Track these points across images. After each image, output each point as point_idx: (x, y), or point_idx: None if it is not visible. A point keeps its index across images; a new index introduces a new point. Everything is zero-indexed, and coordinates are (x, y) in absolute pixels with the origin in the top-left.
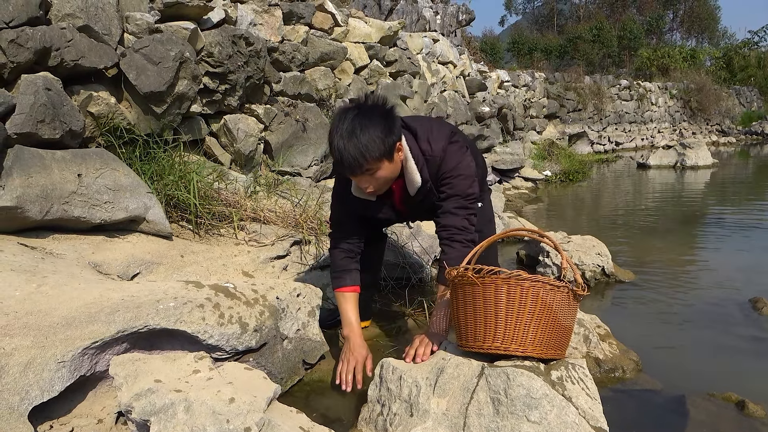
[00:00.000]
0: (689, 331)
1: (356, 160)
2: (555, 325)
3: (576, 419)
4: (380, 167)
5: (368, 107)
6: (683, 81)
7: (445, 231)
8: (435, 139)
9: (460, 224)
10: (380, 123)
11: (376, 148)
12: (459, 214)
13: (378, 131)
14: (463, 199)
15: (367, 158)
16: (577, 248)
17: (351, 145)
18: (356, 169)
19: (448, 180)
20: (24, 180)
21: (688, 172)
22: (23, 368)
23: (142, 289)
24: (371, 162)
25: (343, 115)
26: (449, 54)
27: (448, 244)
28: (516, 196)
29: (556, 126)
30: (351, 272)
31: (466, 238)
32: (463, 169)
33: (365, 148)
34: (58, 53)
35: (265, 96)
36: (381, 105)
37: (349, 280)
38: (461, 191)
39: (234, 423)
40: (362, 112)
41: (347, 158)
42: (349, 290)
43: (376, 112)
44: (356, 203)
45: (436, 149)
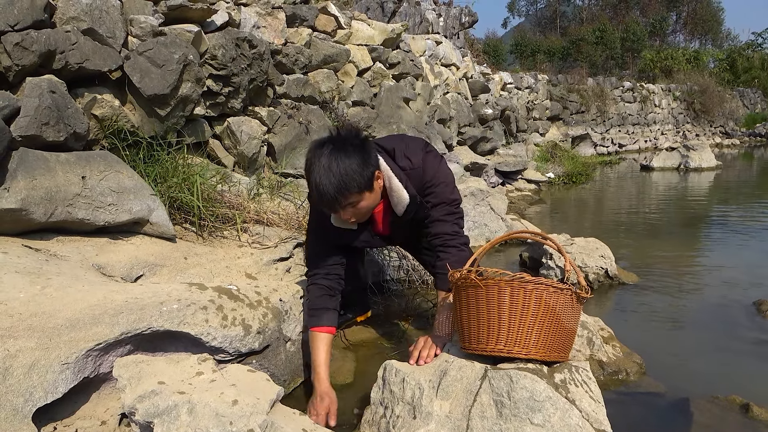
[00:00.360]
0: (693, 334)
1: (335, 198)
2: (558, 328)
3: (579, 422)
4: (361, 199)
5: (341, 140)
6: (687, 83)
7: (437, 239)
8: (412, 152)
9: (450, 230)
10: (356, 156)
11: (355, 183)
12: (448, 221)
13: (354, 165)
14: (448, 206)
15: (346, 194)
16: (581, 251)
17: (329, 182)
18: (336, 205)
19: (431, 189)
20: (28, 182)
21: (691, 174)
22: (27, 370)
23: (145, 291)
24: (350, 197)
25: (318, 151)
26: (452, 56)
27: (443, 250)
28: (519, 198)
29: (559, 128)
30: (328, 312)
31: (459, 242)
32: (443, 176)
33: (344, 184)
34: (63, 56)
35: (269, 98)
36: (354, 137)
37: (325, 319)
38: (446, 198)
39: (237, 425)
40: (336, 147)
41: (326, 195)
42: (324, 331)
43: (350, 144)
44: (336, 234)
45: (415, 162)
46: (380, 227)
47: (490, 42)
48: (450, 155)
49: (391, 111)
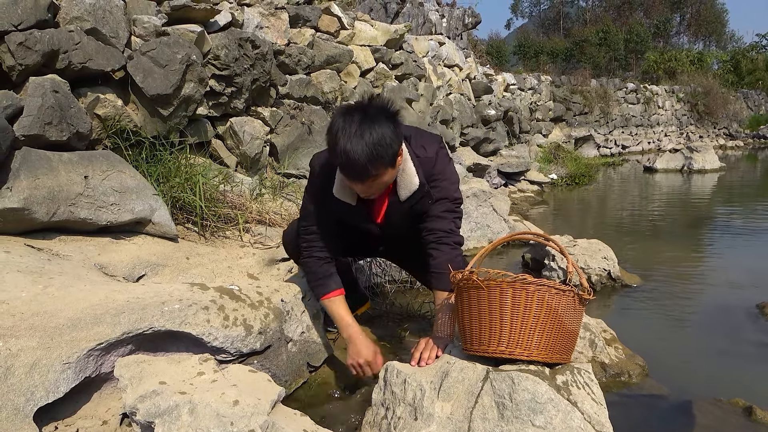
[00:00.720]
0: (696, 336)
1: (365, 167)
2: (560, 330)
3: (581, 424)
4: (385, 173)
5: (374, 109)
6: (690, 84)
7: (432, 234)
8: (428, 142)
9: (447, 227)
10: (389, 128)
11: (387, 155)
12: (446, 218)
13: (387, 137)
14: (450, 203)
15: (377, 164)
16: (583, 252)
17: (361, 150)
18: (364, 175)
19: (437, 183)
20: (31, 182)
21: (695, 176)
22: (29, 369)
23: (147, 291)
24: (380, 168)
25: (348, 117)
26: (455, 57)
27: (436, 248)
28: (521, 199)
29: (562, 129)
30: (332, 276)
31: (454, 240)
32: (450, 173)
33: (377, 154)
34: (66, 56)
35: (271, 99)
36: (387, 108)
37: (333, 284)
38: (449, 195)
39: (238, 425)
40: (369, 116)
41: (356, 163)
42: (336, 294)
43: (383, 115)
44: (336, 206)
45: (430, 151)
46: (377, 212)
47: (494, 43)
48: (453, 156)
49: None
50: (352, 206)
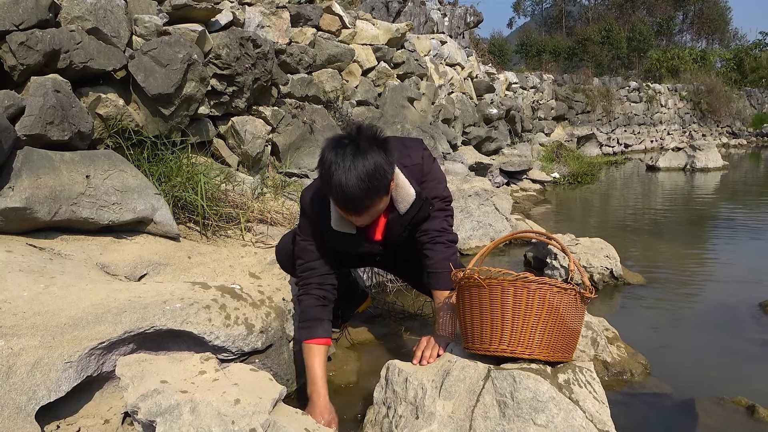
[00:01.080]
0: (699, 335)
1: (362, 200)
2: (562, 328)
3: (583, 423)
4: (380, 202)
5: (365, 140)
6: (693, 83)
7: (425, 235)
8: (411, 149)
9: (439, 226)
10: (382, 158)
11: (382, 186)
12: (438, 217)
13: (381, 168)
14: (440, 201)
15: (374, 197)
16: (586, 251)
17: (356, 184)
18: (360, 208)
19: (425, 184)
20: (33, 181)
21: (698, 175)
22: (31, 368)
23: (148, 290)
24: (375, 199)
25: (340, 150)
26: (457, 56)
27: (431, 248)
28: (524, 198)
29: (565, 128)
30: (323, 323)
31: (447, 239)
32: (437, 172)
33: (373, 187)
34: (67, 55)
35: (273, 98)
36: (377, 137)
37: (320, 331)
38: (438, 194)
39: (239, 424)
40: (361, 148)
41: (353, 197)
42: (320, 342)
43: (374, 144)
44: (334, 239)
45: (416, 157)
46: (376, 231)
47: (496, 42)
48: (455, 155)
49: (396, 111)
50: (353, 234)
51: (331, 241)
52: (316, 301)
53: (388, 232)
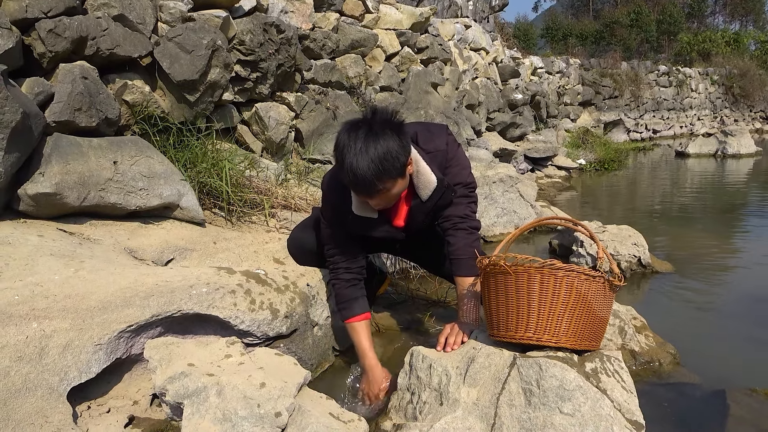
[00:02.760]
0: (729, 324)
1: (373, 183)
2: (590, 316)
3: (611, 412)
4: (395, 185)
5: (379, 123)
6: (725, 66)
7: (447, 221)
8: (435, 134)
9: (462, 212)
10: (394, 140)
11: (393, 169)
12: (461, 203)
13: (393, 150)
14: (464, 187)
15: (385, 179)
16: (613, 238)
17: (367, 166)
18: (372, 191)
19: (448, 170)
20: (62, 167)
21: (729, 161)
22: (62, 350)
23: (175, 275)
24: (388, 182)
25: (353, 133)
26: (481, 40)
27: (453, 234)
28: (548, 185)
29: (591, 113)
30: (358, 300)
31: (470, 225)
32: (461, 158)
33: (383, 169)
34: (94, 42)
35: (296, 84)
36: (391, 119)
37: (357, 308)
38: (462, 180)
39: (265, 407)
40: (374, 130)
41: (364, 180)
42: (360, 319)
43: (388, 128)
44: (357, 223)
45: (440, 143)
46: (398, 217)
47: (521, 26)
48: (479, 141)
49: (419, 96)
50: (375, 219)
51: (353, 226)
52: (346, 283)
53: (410, 218)
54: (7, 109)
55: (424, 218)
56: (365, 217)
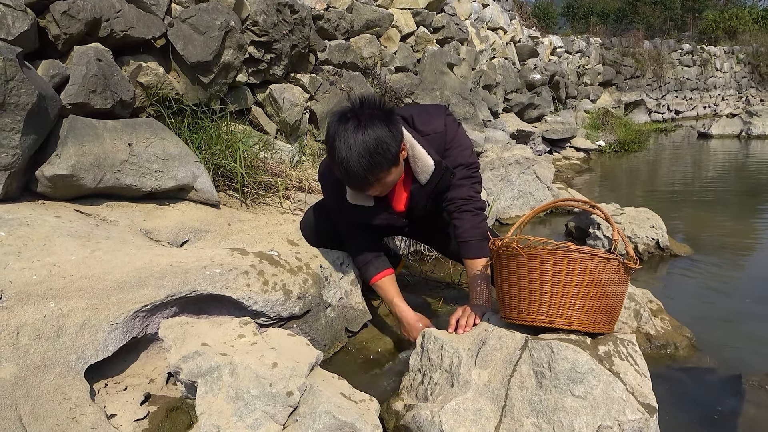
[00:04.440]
0: (747, 309)
1: (365, 177)
2: (603, 299)
3: (623, 395)
4: (389, 174)
5: (366, 113)
6: (752, 44)
7: (452, 204)
8: (433, 116)
9: (465, 194)
10: (383, 129)
11: (385, 160)
12: (464, 185)
13: (383, 140)
14: (466, 168)
15: (376, 172)
16: (631, 220)
17: (358, 161)
18: (365, 184)
19: (449, 151)
20: (78, 149)
21: (754, 142)
22: (79, 329)
23: (189, 256)
24: (380, 173)
25: (341, 126)
26: (499, 19)
27: (458, 217)
28: (566, 166)
29: (612, 94)
30: (375, 259)
31: (475, 206)
32: (461, 139)
33: (374, 162)
34: (108, 24)
35: (310, 65)
36: (378, 107)
37: (373, 268)
38: (464, 161)
39: (277, 387)
40: (362, 121)
41: (356, 174)
42: (380, 276)
43: (376, 117)
44: (353, 212)
45: (437, 125)
46: (398, 202)
47: (540, 4)
48: (495, 122)
49: (435, 77)
50: (371, 207)
51: (351, 214)
52: (361, 248)
53: (411, 203)
54: (24, 91)
55: (425, 201)
56: (360, 205)
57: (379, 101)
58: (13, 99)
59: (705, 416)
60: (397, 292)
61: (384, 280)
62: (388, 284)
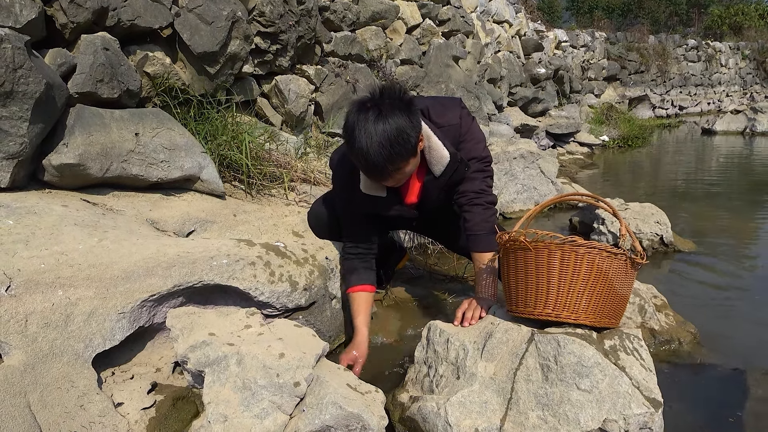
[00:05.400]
0: (751, 305)
1: (385, 166)
2: (610, 294)
3: (629, 389)
4: (407, 164)
5: (388, 102)
6: (758, 40)
7: (463, 197)
8: (448, 108)
9: (477, 188)
10: (404, 120)
11: (405, 150)
12: (477, 178)
13: (404, 131)
14: (479, 162)
15: (397, 162)
16: (635, 216)
17: (379, 150)
18: (385, 174)
19: (462, 145)
20: (85, 138)
21: (758, 139)
22: (87, 317)
23: (196, 246)
24: (400, 163)
25: (362, 114)
26: (505, 13)
27: (469, 210)
28: (570, 161)
29: (616, 89)
30: (357, 271)
31: (486, 200)
32: (476, 132)
33: (395, 152)
34: (115, 13)
35: (316, 56)
36: (399, 97)
37: (354, 278)
38: (477, 154)
39: (284, 377)
40: (383, 111)
41: (376, 164)
42: (360, 289)
43: (396, 107)
44: (365, 202)
45: (452, 117)
46: (411, 194)
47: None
48: (500, 116)
49: (440, 70)
50: (384, 197)
51: (362, 204)
52: (352, 256)
53: (424, 194)
54: (31, 80)
55: (438, 194)
56: (373, 195)
57: (399, 90)
58: (21, 87)
59: (709, 411)
60: (366, 312)
61: (361, 294)
62: (362, 300)
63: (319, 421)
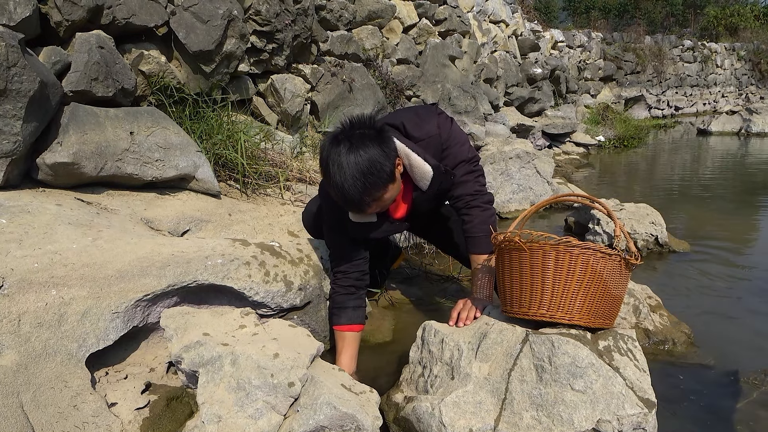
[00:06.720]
0: (745, 305)
1: (361, 199)
2: (604, 294)
3: (623, 390)
4: (386, 192)
5: (357, 135)
6: (754, 41)
7: (459, 201)
8: (425, 119)
9: (471, 190)
10: (376, 149)
11: (380, 180)
12: (468, 180)
13: (376, 160)
14: (467, 164)
15: (372, 193)
16: (630, 216)
17: (353, 184)
18: (362, 206)
19: (446, 151)
20: (80, 137)
21: (753, 140)
22: (80, 317)
23: (191, 246)
24: (376, 194)
25: (334, 150)
26: (501, 12)
27: (467, 213)
28: (566, 161)
29: (612, 89)
30: (347, 310)
31: (482, 201)
32: (456, 136)
33: (369, 184)
34: (110, 11)
35: (312, 55)
36: (369, 126)
37: (344, 318)
38: (463, 157)
39: (278, 377)
40: (354, 143)
41: (352, 198)
42: (344, 329)
43: (367, 137)
44: (357, 229)
45: (430, 128)
46: (400, 211)
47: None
48: (496, 116)
49: (436, 70)
50: (374, 222)
51: (354, 232)
52: (342, 289)
53: (415, 208)
54: (25, 78)
55: (429, 204)
56: (364, 222)
57: (369, 120)
58: (15, 85)
59: (703, 411)
60: (353, 351)
61: (349, 334)
62: (351, 339)
63: (314, 421)
